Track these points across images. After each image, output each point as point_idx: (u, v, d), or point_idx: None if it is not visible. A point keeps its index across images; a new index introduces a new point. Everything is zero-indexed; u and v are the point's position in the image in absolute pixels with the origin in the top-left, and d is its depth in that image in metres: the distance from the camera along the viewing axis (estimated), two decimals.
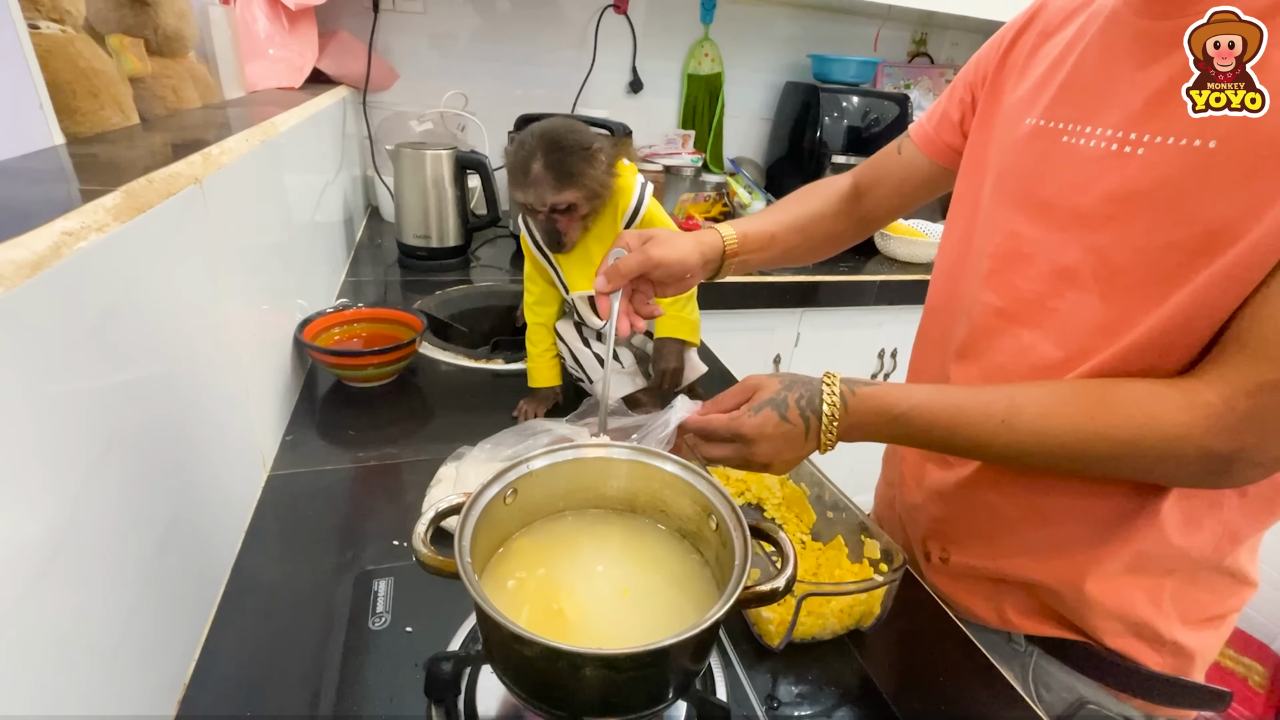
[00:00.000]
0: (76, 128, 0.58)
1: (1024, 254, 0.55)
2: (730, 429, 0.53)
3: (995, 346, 0.57)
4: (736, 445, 0.53)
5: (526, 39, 1.63)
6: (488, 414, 0.82)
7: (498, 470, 0.43)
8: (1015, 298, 0.56)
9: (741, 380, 0.57)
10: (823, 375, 0.54)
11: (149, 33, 0.75)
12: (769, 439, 0.52)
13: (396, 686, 0.46)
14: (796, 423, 0.52)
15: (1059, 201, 0.52)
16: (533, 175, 0.69)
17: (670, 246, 0.59)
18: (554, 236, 0.74)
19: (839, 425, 0.52)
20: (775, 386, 0.54)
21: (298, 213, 0.88)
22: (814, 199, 0.75)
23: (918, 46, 1.96)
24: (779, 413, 0.52)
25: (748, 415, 0.53)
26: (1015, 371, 0.55)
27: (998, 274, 0.57)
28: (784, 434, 0.52)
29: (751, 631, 0.54)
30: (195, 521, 0.48)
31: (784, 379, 0.55)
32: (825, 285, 1.48)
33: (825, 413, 0.52)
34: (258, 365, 0.66)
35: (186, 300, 0.49)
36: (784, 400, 0.53)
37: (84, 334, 0.34)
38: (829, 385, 0.53)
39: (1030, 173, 0.55)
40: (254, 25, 1.14)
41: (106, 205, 0.37)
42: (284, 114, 0.82)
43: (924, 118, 0.70)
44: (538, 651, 0.33)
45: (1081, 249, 0.51)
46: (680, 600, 0.43)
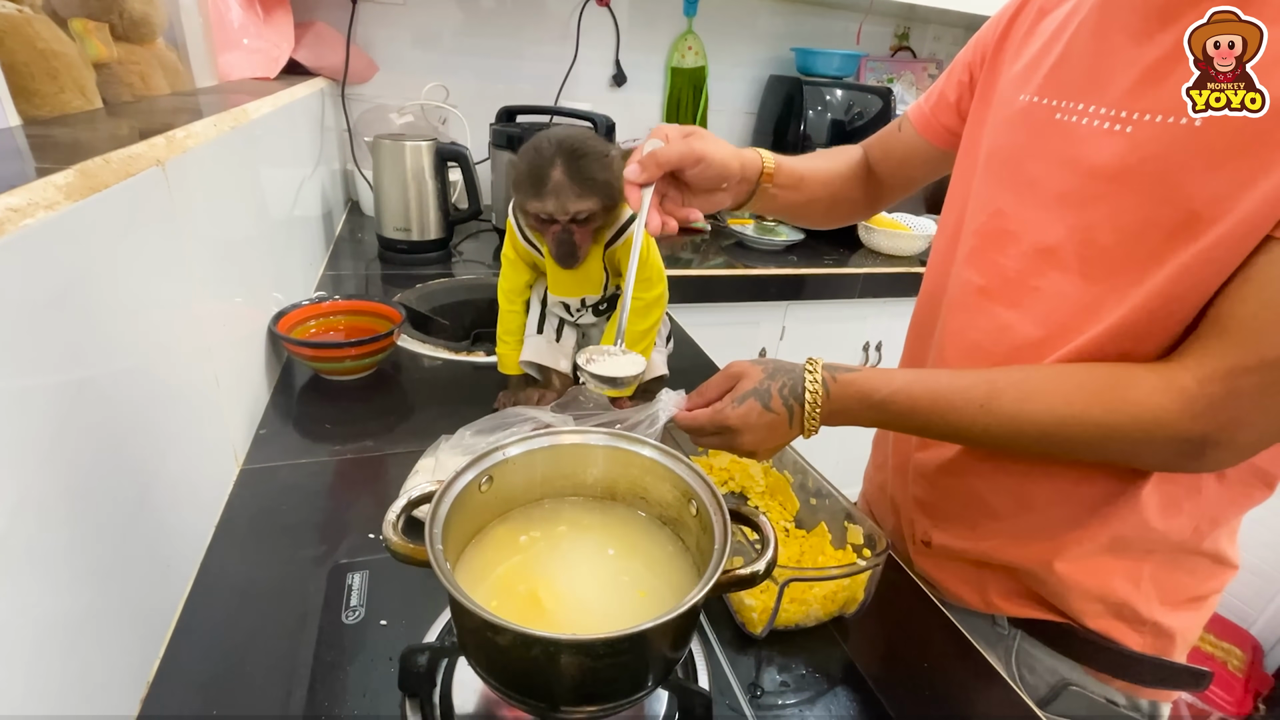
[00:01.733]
0: (35, 110, 0.56)
1: (1008, 231, 0.55)
2: (715, 423, 0.54)
3: (974, 325, 0.57)
4: (723, 437, 0.54)
5: (508, 31, 1.61)
6: (469, 407, 0.80)
7: (472, 458, 0.42)
8: (997, 276, 0.55)
9: (725, 368, 0.57)
10: (805, 362, 0.54)
11: (114, 17, 0.73)
12: (753, 429, 0.53)
13: (371, 681, 0.45)
14: (780, 411, 0.52)
15: (1046, 179, 0.52)
16: (552, 183, 0.65)
17: (714, 145, 0.56)
18: (568, 249, 0.69)
19: (821, 411, 0.52)
20: (758, 375, 0.54)
21: (273, 203, 0.86)
22: (837, 159, 0.74)
23: (900, 41, 1.97)
24: (762, 402, 0.53)
25: (731, 407, 0.53)
26: (994, 351, 0.55)
27: (980, 252, 0.57)
28: (768, 423, 0.53)
29: (735, 619, 0.53)
30: (159, 516, 0.47)
31: (767, 366, 0.55)
32: (810, 278, 1.48)
33: (807, 399, 0.52)
34: (229, 357, 0.65)
35: (149, 288, 0.47)
36: (767, 390, 0.53)
37: (30, 316, 0.33)
38: (811, 372, 0.53)
39: (1021, 150, 0.54)
40: (227, 14, 1.12)
41: (57, 183, 0.36)
42: (255, 101, 0.80)
43: (922, 99, 0.70)
44: (511, 639, 0.32)
45: (1065, 228, 0.50)
46: (661, 587, 0.43)
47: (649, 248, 0.76)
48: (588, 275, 0.77)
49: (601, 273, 0.77)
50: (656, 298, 0.77)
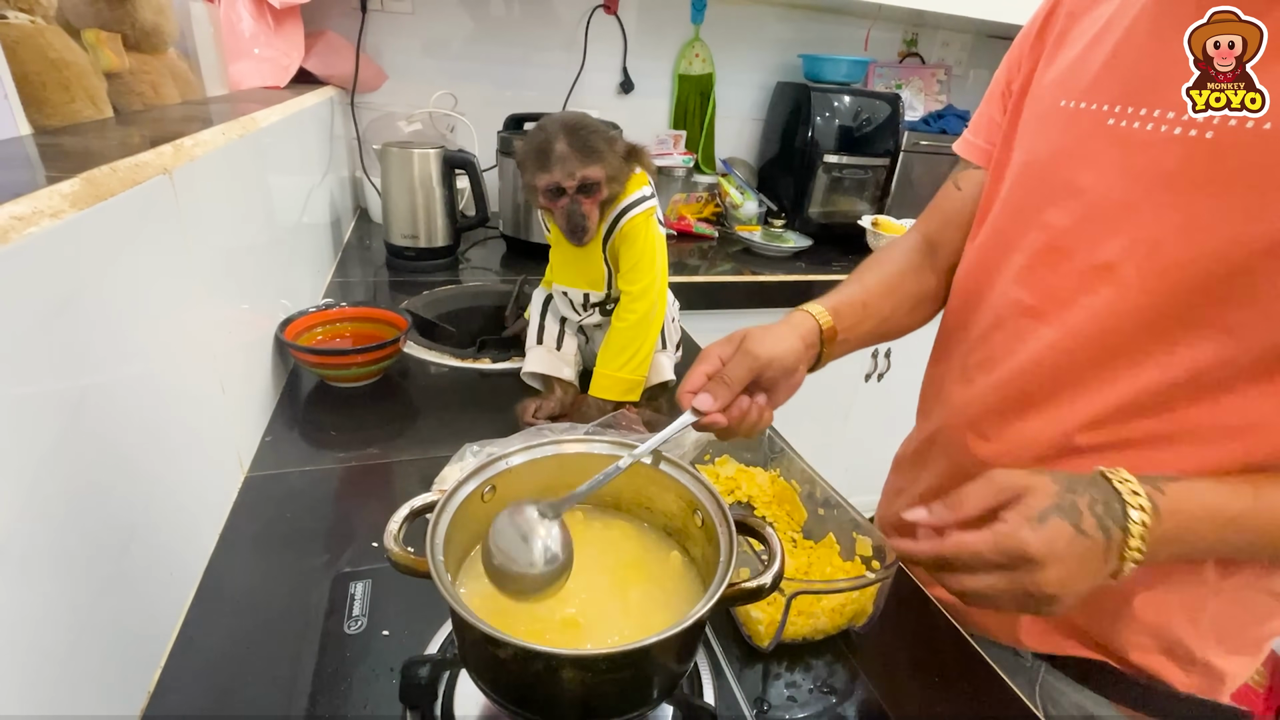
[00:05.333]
0: (45, 119, 0.56)
1: (1059, 248, 0.51)
2: (1004, 550, 0.39)
3: (1019, 349, 0.54)
4: (1013, 573, 0.40)
5: (516, 39, 1.62)
6: (475, 414, 0.80)
7: (475, 467, 0.41)
8: (1047, 295, 0.52)
9: (986, 477, 0.43)
10: (1100, 472, 0.42)
11: (126, 28, 0.74)
12: (1061, 560, 0.39)
13: (373, 693, 0.44)
14: (1095, 537, 0.39)
15: (1097, 189, 0.48)
16: (557, 153, 0.69)
17: (772, 340, 0.50)
18: (578, 221, 0.73)
19: (1151, 537, 0.40)
20: (1051, 488, 0.41)
21: (281, 210, 0.86)
22: (889, 260, 0.66)
23: (909, 47, 1.96)
24: (1072, 523, 0.39)
25: (1029, 529, 0.39)
26: (1037, 377, 0.52)
27: (1030, 270, 0.53)
28: (1081, 553, 0.39)
29: (741, 632, 0.52)
30: (162, 523, 0.47)
31: (1056, 478, 0.42)
32: (818, 284, 1.47)
33: (1135, 520, 0.39)
34: (235, 364, 0.65)
35: (155, 295, 0.47)
36: (1073, 506, 0.40)
37: (34, 323, 0.33)
38: (1127, 484, 0.41)
39: (1066, 158, 0.51)
40: (238, 24, 1.13)
41: (63, 191, 0.36)
42: (265, 110, 0.81)
43: (966, 133, 0.65)
44: (512, 653, 0.32)
45: (1126, 242, 0.46)
46: (666, 598, 0.42)
47: (646, 231, 0.76)
48: (590, 263, 0.78)
49: (603, 266, 0.78)
50: (643, 289, 0.76)
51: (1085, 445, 0.51)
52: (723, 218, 1.82)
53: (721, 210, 1.82)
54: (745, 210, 1.78)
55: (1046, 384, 0.52)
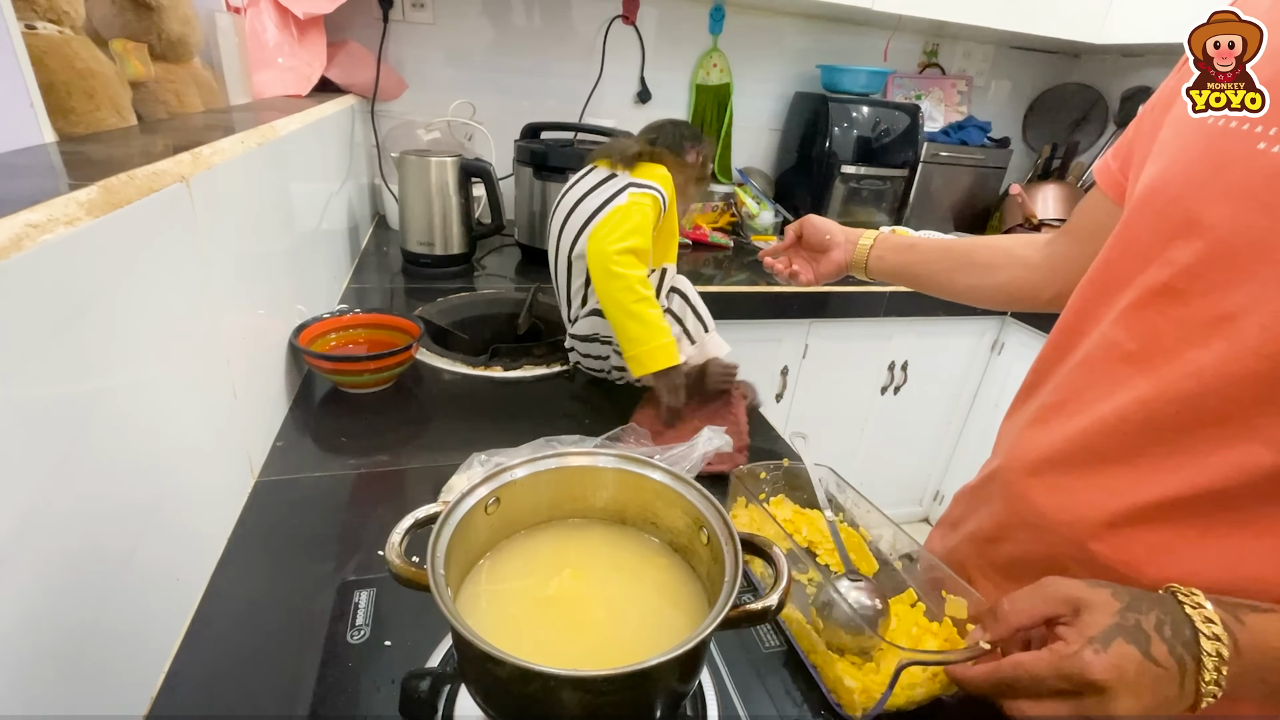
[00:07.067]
0: (70, 128, 0.57)
1: (1175, 289, 0.44)
2: (1064, 673, 0.36)
3: (1105, 399, 0.47)
4: (1080, 701, 0.36)
5: (535, 49, 1.64)
6: (486, 422, 0.80)
7: (480, 478, 0.41)
8: (1150, 340, 0.45)
9: (1039, 586, 0.41)
10: (1169, 590, 0.38)
11: (153, 38, 0.76)
12: (1132, 688, 0.35)
13: (374, 705, 0.44)
14: (1168, 665, 0.35)
15: (1232, 226, 0.41)
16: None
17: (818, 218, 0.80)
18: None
19: (1229, 671, 0.35)
20: (1111, 605, 0.37)
21: (299, 217, 0.88)
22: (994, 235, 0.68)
23: (929, 57, 1.95)
24: (1140, 648, 0.36)
25: (1092, 651, 0.36)
26: (1120, 434, 0.46)
27: (1137, 310, 0.46)
28: (1151, 682, 0.35)
29: (828, 699, 0.47)
30: (172, 527, 0.47)
31: (1118, 593, 0.38)
32: (834, 296, 1.46)
33: (1208, 652, 0.35)
34: (248, 369, 0.65)
35: (170, 302, 0.48)
36: (1137, 626, 0.36)
37: (49, 330, 0.33)
38: (1198, 609, 0.36)
39: (1200, 184, 0.43)
40: (263, 34, 1.16)
41: (79, 199, 0.36)
42: (285, 119, 0.82)
43: (1109, 154, 0.58)
44: (510, 672, 0.31)
45: (1254, 291, 0.39)
46: (671, 615, 0.41)
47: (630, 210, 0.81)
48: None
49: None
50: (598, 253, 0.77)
51: (1156, 522, 0.44)
52: (739, 227, 1.82)
53: (737, 220, 1.82)
54: (761, 220, 1.78)
55: (1127, 444, 0.46)
